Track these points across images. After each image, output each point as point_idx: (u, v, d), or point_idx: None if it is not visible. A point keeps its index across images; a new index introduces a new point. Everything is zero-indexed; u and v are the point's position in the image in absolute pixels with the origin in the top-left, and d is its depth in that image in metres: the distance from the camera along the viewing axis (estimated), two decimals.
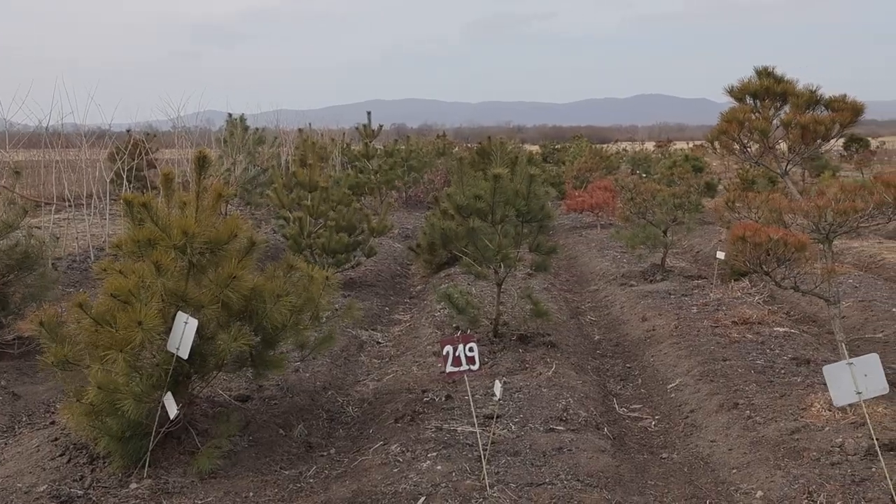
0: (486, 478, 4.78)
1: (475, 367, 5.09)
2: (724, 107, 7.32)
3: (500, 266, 7.92)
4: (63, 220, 15.03)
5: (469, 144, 34.30)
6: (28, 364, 7.25)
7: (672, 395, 6.94)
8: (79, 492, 4.77)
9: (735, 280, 10.74)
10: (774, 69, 7.17)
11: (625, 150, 41.50)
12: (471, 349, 5.04)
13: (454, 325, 8.56)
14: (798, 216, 6.59)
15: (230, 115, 17.23)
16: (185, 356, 4.90)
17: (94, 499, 4.72)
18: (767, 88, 7.09)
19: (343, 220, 10.95)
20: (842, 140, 26.71)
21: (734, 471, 5.23)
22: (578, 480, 4.84)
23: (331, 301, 6.63)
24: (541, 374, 6.89)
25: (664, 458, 5.69)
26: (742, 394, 6.38)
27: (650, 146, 46.13)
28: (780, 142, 7.26)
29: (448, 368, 5.06)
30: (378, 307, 10.49)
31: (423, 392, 6.58)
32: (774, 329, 8.22)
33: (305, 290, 5.72)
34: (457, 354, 5.02)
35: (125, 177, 14.09)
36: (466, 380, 5.30)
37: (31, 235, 8.15)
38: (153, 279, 4.86)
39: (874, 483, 4.56)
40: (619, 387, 7.43)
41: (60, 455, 5.22)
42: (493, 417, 5.73)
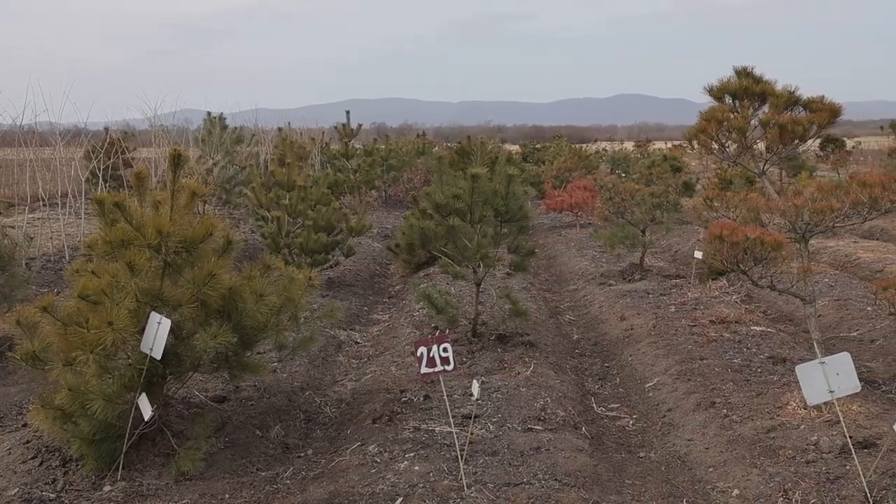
0: (464, 478, 4.76)
1: (450, 368, 5.07)
2: (703, 107, 7.35)
3: (479, 266, 7.91)
4: (38, 220, 14.87)
5: (449, 144, 34.30)
6: None
7: (650, 395, 6.95)
8: (51, 495, 4.71)
9: (713, 279, 10.78)
10: (753, 69, 7.21)
11: (604, 150, 41.61)
12: (445, 350, 5.02)
13: (433, 325, 8.54)
14: (775, 215, 6.62)
15: (208, 114, 17.10)
16: (159, 357, 4.84)
17: (67, 502, 4.66)
18: (746, 88, 7.12)
19: (322, 220, 10.90)
20: (818, 140, 26.96)
21: (711, 469, 5.25)
22: (556, 480, 4.83)
23: (309, 301, 6.60)
24: (519, 374, 6.88)
25: (642, 457, 5.70)
26: (719, 393, 6.41)
27: (629, 146, 46.30)
28: (758, 141, 7.30)
29: (423, 370, 5.04)
30: (357, 307, 10.45)
31: (402, 392, 6.55)
32: (751, 328, 8.26)
33: (285, 291, 5.68)
34: (431, 355, 5.00)
35: (101, 176, 13.96)
36: (442, 380, 5.28)
37: (5, 235, 8.05)
38: (127, 279, 4.80)
39: (848, 480, 4.58)
40: (598, 386, 7.44)
41: (32, 458, 5.15)
42: (471, 417, 5.72)
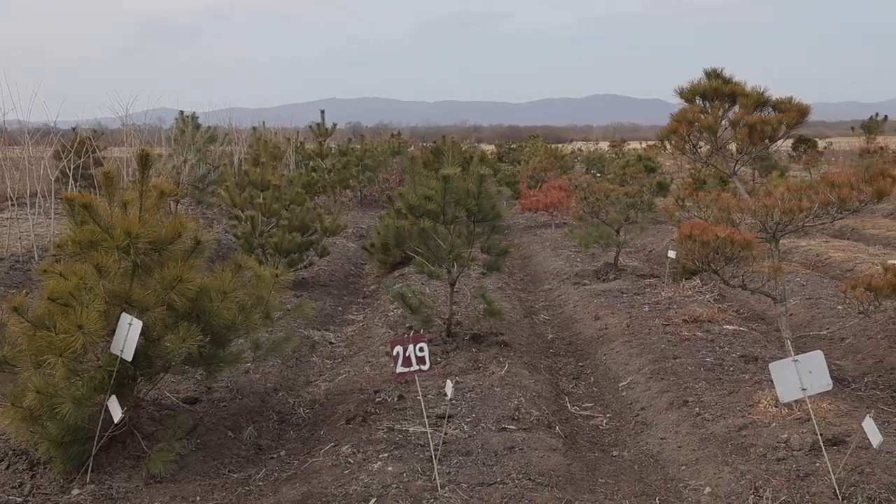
0: (438, 478, 4.76)
1: (425, 367, 5.07)
2: (677, 107, 7.39)
3: (453, 266, 7.91)
4: (6, 220, 14.66)
5: (425, 144, 34.28)
6: None
7: (623, 394, 6.98)
8: (18, 499, 4.64)
9: (686, 279, 10.86)
10: (723, 71, 7.25)
11: (580, 150, 41.78)
12: (421, 349, 5.01)
13: (408, 325, 8.53)
14: (746, 215, 6.68)
15: (181, 113, 16.97)
16: (130, 358, 4.79)
17: None
18: (716, 89, 7.17)
19: (296, 220, 10.85)
20: (790, 141, 27.21)
21: (683, 467, 5.28)
22: (530, 479, 4.84)
23: (283, 301, 6.55)
24: (493, 374, 6.89)
25: (615, 456, 5.72)
26: (692, 391, 6.45)
27: (605, 146, 46.54)
28: (731, 142, 7.35)
29: (398, 369, 5.03)
30: (331, 307, 10.41)
31: (376, 392, 6.53)
32: (724, 327, 8.32)
33: (254, 289, 5.64)
34: (407, 355, 4.99)
35: (71, 175, 13.80)
36: (417, 380, 5.27)
37: None
38: (95, 281, 4.75)
39: (818, 477, 4.63)
40: (572, 385, 7.46)
41: None
42: (445, 417, 5.71)
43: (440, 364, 7.22)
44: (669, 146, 7.60)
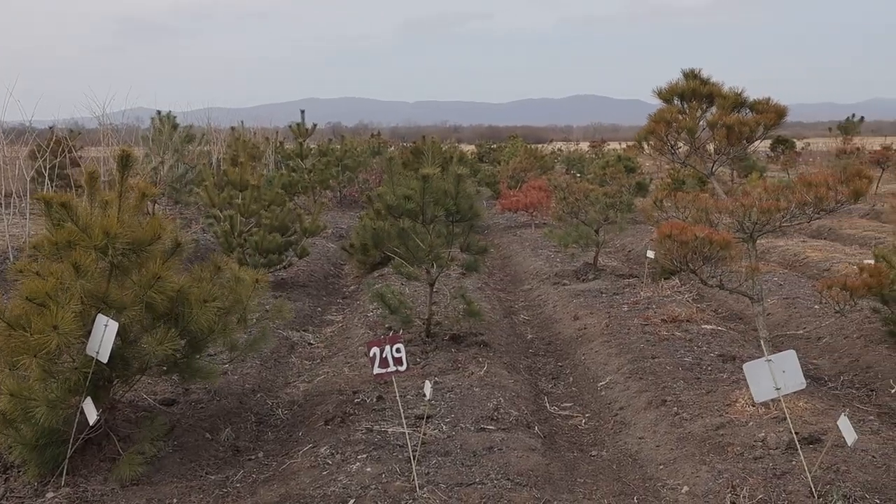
0: (416, 479, 4.75)
1: (403, 368, 5.06)
2: (656, 108, 7.42)
3: (433, 266, 7.90)
4: None
5: (405, 144, 34.24)
6: None
7: (602, 393, 7.00)
8: None
9: (665, 279, 10.91)
10: (701, 72, 7.29)
11: (560, 150, 41.90)
12: (398, 350, 5.00)
13: (387, 326, 8.51)
14: (724, 215, 6.71)
15: (158, 113, 16.85)
16: (105, 360, 4.75)
17: None
18: (694, 90, 7.21)
19: (275, 220, 10.80)
20: (768, 141, 27.42)
21: (661, 467, 5.30)
22: (508, 479, 4.84)
23: (261, 302, 6.51)
24: (473, 374, 6.89)
25: (594, 456, 5.73)
26: (670, 391, 6.48)
27: (585, 146, 46.67)
28: (709, 143, 7.39)
29: (375, 370, 5.01)
30: (310, 308, 10.37)
31: (355, 393, 6.51)
32: (702, 327, 8.37)
33: (233, 292, 5.60)
34: (384, 356, 4.98)
35: (47, 175, 13.66)
36: (395, 381, 5.25)
37: None
38: (72, 281, 4.70)
39: (794, 476, 4.66)
40: (551, 385, 7.48)
41: None
42: (424, 418, 5.70)
43: (419, 364, 7.21)
44: (648, 147, 7.63)
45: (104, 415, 5.05)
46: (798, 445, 4.72)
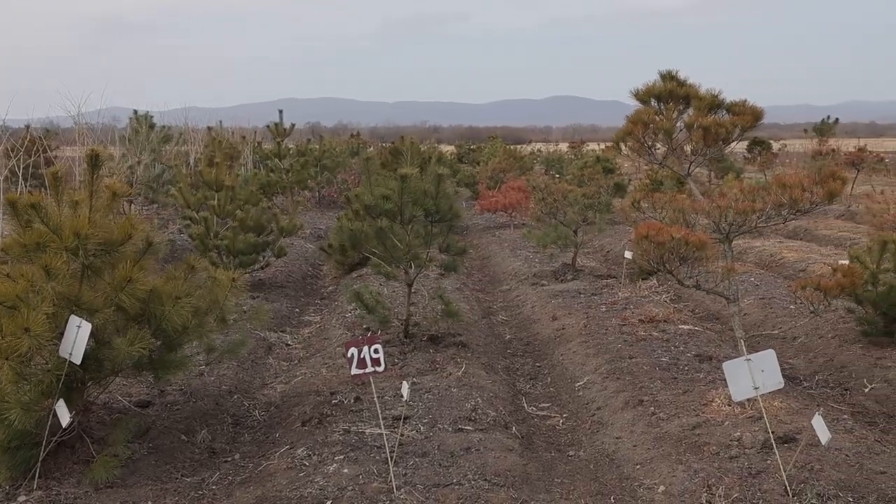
0: (394, 480, 4.73)
1: (380, 369, 5.04)
2: (635, 109, 7.44)
3: (411, 266, 7.88)
4: None
5: (384, 144, 34.18)
6: None
7: (580, 394, 7.02)
8: None
9: (643, 279, 10.95)
10: (678, 73, 7.32)
11: (539, 151, 41.95)
12: (376, 351, 4.98)
13: (365, 327, 8.48)
14: (700, 216, 6.75)
15: (135, 113, 16.72)
16: (79, 361, 4.70)
17: None
18: (671, 92, 7.23)
19: (251, 220, 10.74)
20: (745, 143, 27.63)
21: (638, 466, 5.32)
22: (486, 480, 4.84)
23: (239, 303, 6.46)
24: (451, 375, 6.88)
25: (571, 456, 5.74)
26: (647, 391, 6.50)
27: (564, 147, 46.76)
28: (686, 144, 7.42)
29: (353, 371, 4.99)
30: (288, 308, 10.33)
31: (332, 394, 6.49)
32: (679, 327, 8.41)
33: (209, 292, 5.56)
34: (362, 356, 4.96)
35: (21, 175, 13.50)
36: (373, 381, 5.23)
37: None
38: (43, 284, 4.64)
39: (769, 475, 4.69)
40: (529, 386, 7.48)
41: None
42: (402, 419, 5.69)
43: (397, 365, 7.20)
44: (625, 148, 7.65)
45: (78, 417, 4.99)
46: (773, 444, 4.75)
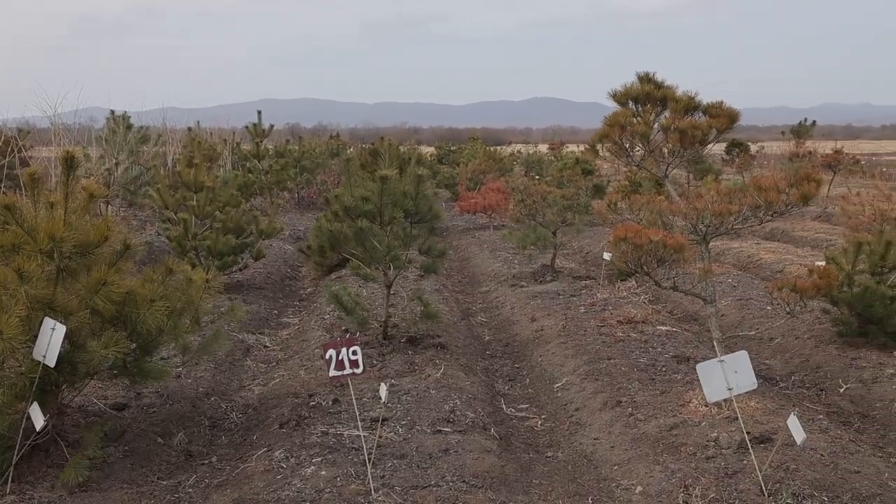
0: (372, 482, 4.72)
1: (359, 371, 5.03)
2: (614, 111, 7.46)
3: (390, 268, 7.87)
4: None
5: (364, 145, 34.11)
6: None
7: (558, 395, 7.03)
8: None
9: (622, 280, 11.00)
10: (655, 75, 7.35)
11: (519, 153, 42.01)
12: (354, 352, 4.97)
13: (343, 328, 8.46)
14: (678, 218, 6.79)
15: (112, 113, 16.59)
16: (53, 364, 4.66)
17: None
18: (648, 94, 7.26)
19: (230, 222, 10.68)
20: (723, 144, 27.80)
21: (616, 467, 5.34)
22: (464, 481, 4.84)
23: (216, 304, 6.41)
24: (429, 376, 6.87)
25: (549, 457, 5.76)
26: (625, 392, 6.53)
27: (543, 148, 46.86)
28: (663, 145, 7.45)
29: (331, 372, 4.98)
30: (266, 310, 10.28)
31: (310, 396, 6.46)
32: (657, 328, 8.45)
33: (185, 294, 5.52)
34: (340, 358, 4.95)
35: None
36: (350, 383, 5.22)
37: None
38: (17, 286, 4.60)
39: (745, 475, 4.72)
40: (508, 387, 7.49)
41: None
42: (380, 420, 5.68)
43: (376, 367, 7.18)
44: (603, 150, 7.68)
45: (52, 420, 4.95)
46: (749, 445, 4.79)
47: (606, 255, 10.77)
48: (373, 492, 4.64)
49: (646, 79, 7.24)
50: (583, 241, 15.84)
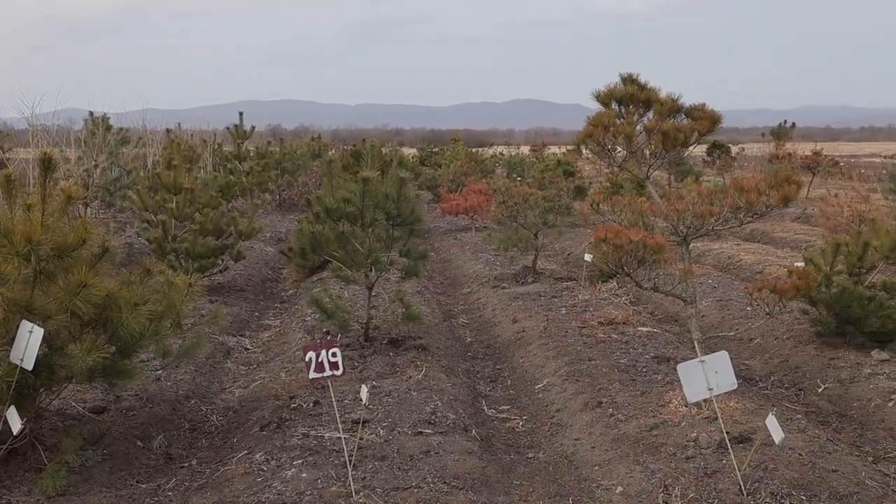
0: (352, 484, 4.71)
1: (339, 373, 5.02)
2: (596, 112, 7.47)
3: (371, 270, 7.85)
4: None
5: (346, 147, 34.02)
6: None
7: (539, 396, 7.04)
8: None
9: (603, 281, 11.03)
10: (638, 76, 7.36)
11: (501, 154, 42.06)
12: (334, 354, 4.96)
13: (325, 330, 8.44)
14: (659, 219, 6.81)
15: (91, 114, 16.46)
16: (30, 368, 4.61)
17: None
18: (632, 95, 7.28)
19: (210, 224, 10.62)
20: (704, 146, 27.95)
21: (596, 468, 5.35)
22: (445, 483, 4.83)
23: (197, 307, 6.37)
24: (411, 378, 6.86)
25: (530, 458, 5.76)
26: (606, 392, 6.54)
27: (525, 150, 46.93)
28: (646, 147, 7.47)
29: (311, 374, 4.96)
30: (247, 312, 10.24)
31: (291, 398, 6.44)
32: (638, 329, 8.48)
33: (166, 297, 5.49)
34: (320, 360, 4.93)
35: None
36: (332, 385, 5.21)
37: None
38: None
39: (724, 474, 4.75)
40: (489, 388, 7.49)
41: None
42: (361, 422, 5.66)
43: (357, 369, 7.17)
44: (586, 150, 7.70)
45: (29, 424, 4.90)
46: (728, 445, 4.81)
47: (588, 257, 10.80)
48: (353, 494, 4.63)
49: (629, 80, 7.26)
50: (564, 243, 15.88)
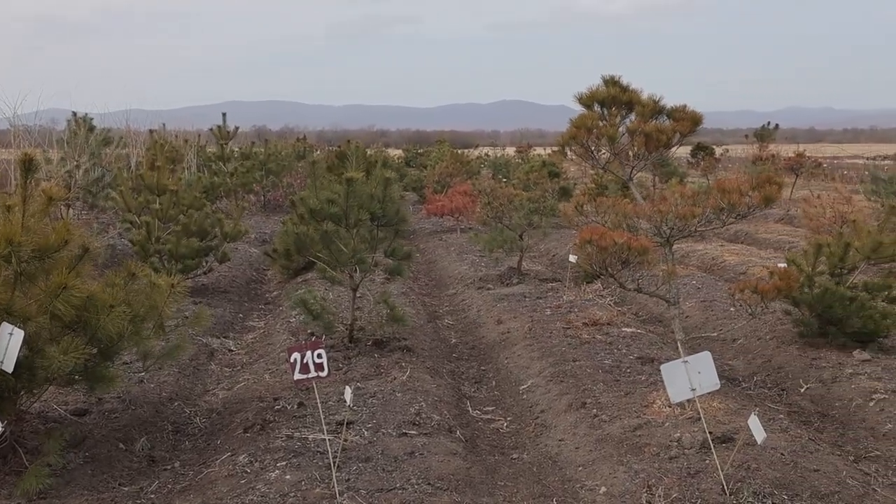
0: (336, 485, 4.70)
1: (324, 374, 5.01)
2: (580, 113, 7.48)
3: (356, 271, 7.84)
4: None
5: (331, 148, 33.95)
6: None
7: (524, 397, 7.06)
8: None
9: (588, 282, 11.06)
10: (621, 78, 7.39)
11: (486, 155, 42.11)
12: (319, 356, 4.95)
13: (309, 332, 8.41)
14: (642, 220, 6.84)
15: (74, 115, 16.35)
16: (11, 370, 4.58)
17: None
18: (614, 97, 7.30)
19: (193, 225, 10.57)
20: (689, 147, 28.06)
21: (580, 468, 5.36)
22: (429, 484, 4.83)
23: (180, 308, 6.34)
24: (395, 379, 6.86)
25: (514, 459, 5.77)
26: (590, 393, 6.56)
27: (511, 151, 46.99)
28: (629, 148, 7.50)
29: (296, 376, 4.95)
30: (231, 314, 10.20)
31: (275, 400, 6.42)
32: (623, 329, 8.51)
33: (148, 298, 5.46)
34: (304, 361, 4.92)
35: None
36: (315, 386, 5.19)
37: None
38: None
39: (707, 474, 4.77)
40: (474, 389, 7.50)
41: None
42: (345, 424, 5.65)
43: (342, 370, 7.16)
44: (571, 152, 7.72)
45: (10, 427, 4.86)
46: (711, 445, 4.83)
47: (572, 258, 10.82)
48: (337, 495, 4.62)
49: (611, 82, 7.28)
50: (549, 244, 15.92)
